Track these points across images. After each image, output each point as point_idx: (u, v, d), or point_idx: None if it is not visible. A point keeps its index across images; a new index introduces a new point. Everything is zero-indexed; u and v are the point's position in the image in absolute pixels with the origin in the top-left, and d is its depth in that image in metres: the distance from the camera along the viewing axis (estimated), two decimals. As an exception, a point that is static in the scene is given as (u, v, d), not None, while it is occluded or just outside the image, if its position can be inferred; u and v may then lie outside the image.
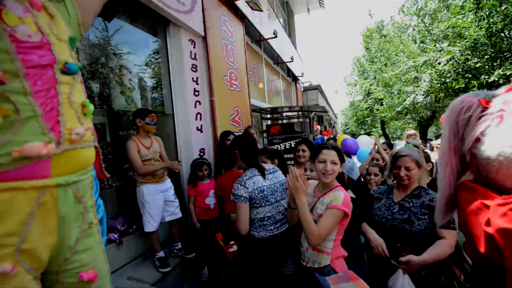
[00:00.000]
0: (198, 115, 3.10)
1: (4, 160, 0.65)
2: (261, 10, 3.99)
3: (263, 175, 1.59)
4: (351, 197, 1.47)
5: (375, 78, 12.72)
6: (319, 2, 10.39)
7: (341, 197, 1.31)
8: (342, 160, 1.42)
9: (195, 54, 3.13)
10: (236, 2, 3.97)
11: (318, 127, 7.19)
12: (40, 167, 0.70)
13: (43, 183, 0.71)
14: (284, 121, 6.75)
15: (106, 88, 2.52)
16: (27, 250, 0.70)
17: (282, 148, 4.47)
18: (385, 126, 16.12)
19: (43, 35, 0.75)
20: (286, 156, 3.93)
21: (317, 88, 11.84)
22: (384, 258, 1.42)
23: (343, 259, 1.37)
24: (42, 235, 0.73)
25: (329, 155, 1.39)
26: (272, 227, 1.55)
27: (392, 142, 4.77)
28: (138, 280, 2.13)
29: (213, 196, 2.54)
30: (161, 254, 2.30)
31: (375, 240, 1.47)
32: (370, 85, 12.87)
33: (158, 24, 2.95)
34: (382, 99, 12.06)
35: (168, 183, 2.38)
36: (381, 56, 12.26)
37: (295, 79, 9.76)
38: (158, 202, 2.22)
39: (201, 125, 3.13)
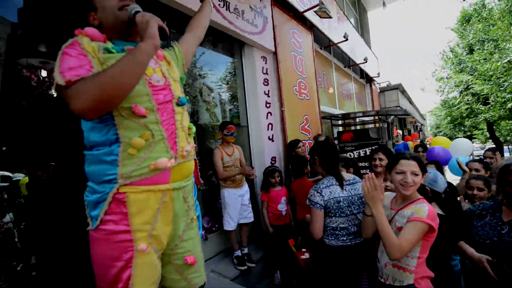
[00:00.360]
0: (270, 126, 3.30)
1: (145, 170, 0.92)
2: (330, 17, 3.97)
3: (341, 185, 1.58)
4: (438, 213, 1.33)
5: (474, 70, 10.45)
6: (397, -7, 9.42)
7: (425, 209, 1.21)
8: (423, 171, 1.31)
9: (267, 69, 3.37)
10: (305, 13, 4.06)
11: (399, 132, 6.45)
12: (164, 175, 0.96)
13: (165, 187, 0.97)
14: (358, 127, 6.36)
15: (195, 106, 3.01)
16: (155, 235, 0.96)
17: (356, 156, 4.24)
18: (494, 127, 12.95)
19: (166, 79, 1.03)
20: (360, 164, 3.73)
21: (397, 87, 10.61)
22: (487, 282, 1.22)
23: (430, 280, 1.26)
24: (163, 225, 0.99)
25: (408, 165, 1.30)
26: (345, 238, 1.53)
27: (505, 147, 3.87)
28: (220, 274, 2.42)
29: (284, 203, 2.66)
30: (238, 253, 2.55)
31: (477, 256, 1.28)
32: (470, 78, 10.64)
33: (235, 46, 3.32)
34: (485, 94, 9.80)
35: (245, 188, 2.63)
36: (485, 43, 10.05)
37: (369, 80, 9.06)
38: (236, 205, 2.49)
39: (272, 135, 3.32)
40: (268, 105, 3.31)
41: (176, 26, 2.34)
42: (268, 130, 3.27)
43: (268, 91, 3.35)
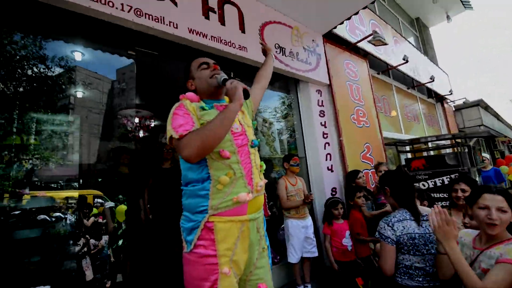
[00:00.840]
0: (328, 156, 3.31)
1: (229, 203, 1.10)
2: (385, 44, 3.93)
3: (417, 220, 1.45)
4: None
5: None
6: (463, 4, 8.62)
7: None
8: (513, 207, 1.16)
9: (322, 101, 3.48)
10: (360, 45, 4.13)
11: (486, 155, 5.48)
12: (242, 208, 1.14)
13: (244, 218, 1.13)
14: (431, 152, 5.69)
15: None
16: (235, 260, 1.11)
17: (431, 186, 3.77)
18: None
19: (242, 126, 1.26)
20: (435, 196, 3.33)
21: (478, 104, 9.18)
22: None
23: None
24: (241, 252, 1.13)
25: (494, 200, 1.17)
26: (421, 279, 1.38)
27: None
28: (284, 308, 2.40)
29: (349, 237, 2.54)
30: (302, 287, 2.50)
31: None
32: None
33: (290, 83, 3.58)
34: None
35: (309, 221, 2.64)
36: None
37: (440, 99, 8.15)
38: (300, 236, 2.50)
39: (331, 165, 3.30)
40: (325, 136, 3.36)
41: (243, 74, 2.72)
42: (326, 160, 3.28)
43: (325, 122, 3.42)
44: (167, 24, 2.08)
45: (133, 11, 1.92)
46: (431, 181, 3.83)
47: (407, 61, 5.01)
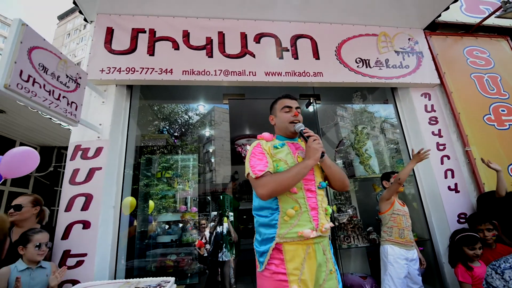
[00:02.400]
0: (449, 172, 2.63)
1: (294, 235, 1.24)
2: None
3: None
4: None
5: None
6: None
7: None
8: None
9: (432, 106, 2.87)
10: (487, 23, 3.15)
11: None
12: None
13: (309, 241, 1.25)
14: None
15: (347, 159, 3.13)
16: (303, 279, 1.21)
17: None
18: None
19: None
20: None
21: None
22: None
23: None
24: (309, 272, 1.23)
25: None
26: None
27: None
28: None
29: None
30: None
31: None
32: None
33: (387, 92, 3.20)
34: None
35: (414, 254, 2.20)
36: None
37: None
38: (402, 268, 2.11)
39: (455, 184, 2.59)
40: (441, 147, 2.72)
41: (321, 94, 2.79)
42: (446, 178, 2.61)
43: (439, 130, 2.78)
44: (247, 75, 2.55)
45: (222, 73, 2.52)
46: None
47: None
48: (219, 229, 3.45)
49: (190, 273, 2.77)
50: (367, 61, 2.82)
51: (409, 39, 3.02)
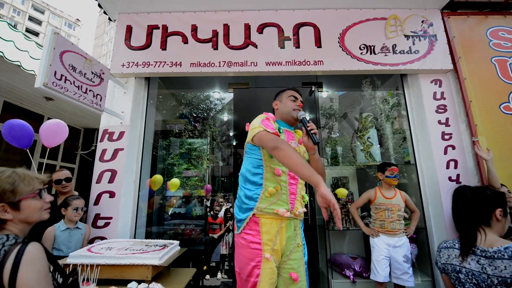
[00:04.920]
0: (451, 163, 2.57)
1: (270, 211, 1.43)
2: None
3: (463, 253, 1.16)
4: None
5: None
6: None
7: None
8: None
9: (442, 93, 2.76)
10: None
11: None
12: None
13: (283, 218, 1.45)
14: None
15: (350, 149, 3.19)
16: (275, 249, 1.41)
17: None
18: None
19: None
20: None
21: None
22: None
23: None
24: (280, 244, 1.44)
25: None
26: None
27: None
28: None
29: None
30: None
31: None
32: None
33: (396, 78, 3.12)
34: None
35: (401, 240, 2.30)
36: None
37: None
38: (383, 253, 2.25)
39: (457, 175, 2.54)
40: (447, 137, 2.64)
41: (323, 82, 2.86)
42: (448, 168, 2.57)
43: (447, 119, 2.69)
44: (249, 65, 2.72)
45: (226, 65, 2.73)
46: None
47: None
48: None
49: (198, 241, 3.20)
50: (372, 47, 2.78)
51: (422, 21, 2.86)
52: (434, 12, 2.89)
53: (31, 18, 33.00)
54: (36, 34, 32.03)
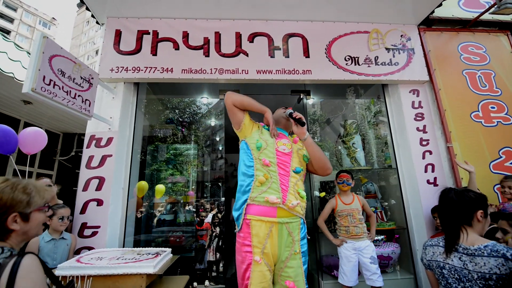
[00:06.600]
0: (429, 167, 2.77)
1: (262, 199, 1.45)
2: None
3: (447, 250, 1.26)
4: None
5: None
6: None
7: None
8: None
9: (419, 102, 2.97)
10: (487, 18, 3.11)
11: None
12: (272, 211, 1.45)
13: (272, 220, 1.43)
14: None
15: (336, 152, 3.32)
16: (266, 253, 1.39)
17: None
18: None
19: (291, 152, 1.61)
20: None
21: None
22: None
23: None
24: (271, 248, 1.41)
25: None
26: None
27: None
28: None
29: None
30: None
31: None
32: None
33: (378, 88, 3.31)
34: None
35: (366, 243, 2.39)
36: None
37: None
38: (350, 259, 2.33)
39: (435, 178, 2.73)
40: (424, 143, 2.84)
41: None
42: (426, 172, 2.76)
43: (424, 126, 2.89)
44: (240, 73, 2.78)
45: (217, 72, 2.77)
46: None
47: None
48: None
49: (187, 248, 3.17)
50: (357, 58, 2.94)
51: (401, 35, 3.08)
52: (412, 27, 3.13)
53: (1, 15, 31.08)
54: (7, 32, 30.17)
